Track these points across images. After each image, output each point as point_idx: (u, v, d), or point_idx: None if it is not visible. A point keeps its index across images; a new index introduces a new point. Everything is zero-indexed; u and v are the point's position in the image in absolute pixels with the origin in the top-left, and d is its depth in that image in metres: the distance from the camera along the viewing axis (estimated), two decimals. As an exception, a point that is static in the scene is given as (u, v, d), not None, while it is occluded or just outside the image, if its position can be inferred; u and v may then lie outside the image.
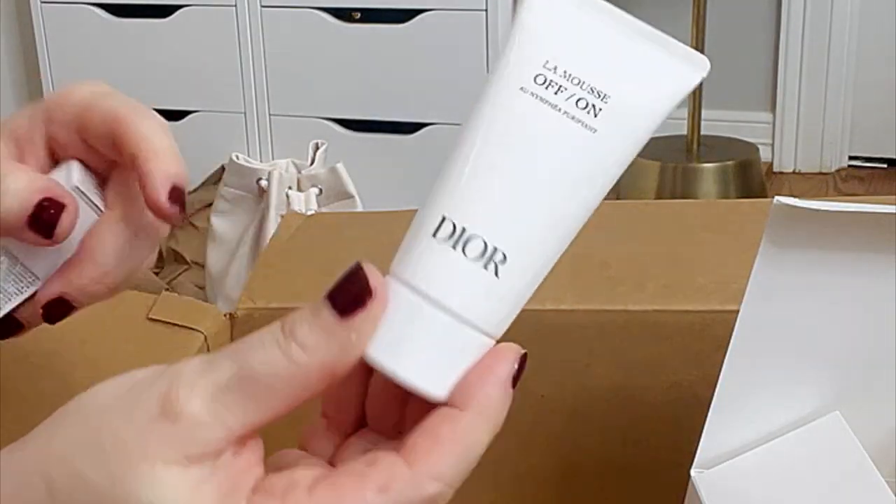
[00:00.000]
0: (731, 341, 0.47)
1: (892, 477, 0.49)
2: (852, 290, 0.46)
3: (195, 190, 2.16)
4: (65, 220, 0.42)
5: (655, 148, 2.46)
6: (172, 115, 2.34)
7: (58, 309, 0.44)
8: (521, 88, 0.37)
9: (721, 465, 0.49)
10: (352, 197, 1.75)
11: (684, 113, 2.46)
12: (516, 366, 0.35)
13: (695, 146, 2.44)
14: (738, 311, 0.46)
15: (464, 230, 0.36)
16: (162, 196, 0.43)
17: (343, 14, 2.18)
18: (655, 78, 0.38)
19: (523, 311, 0.37)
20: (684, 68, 0.38)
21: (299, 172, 1.78)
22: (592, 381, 0.65)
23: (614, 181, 0.38)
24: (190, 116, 2.33)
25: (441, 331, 0.35)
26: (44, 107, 0.45)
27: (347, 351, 0.34)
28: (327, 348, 0.33)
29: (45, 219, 0.41)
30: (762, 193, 2.42)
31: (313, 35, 2.20)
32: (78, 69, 2.38)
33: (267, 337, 0.33)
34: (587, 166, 0.37)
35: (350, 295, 0.34)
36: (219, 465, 0.32)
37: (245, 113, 2.29)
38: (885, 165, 2.70)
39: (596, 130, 0.37)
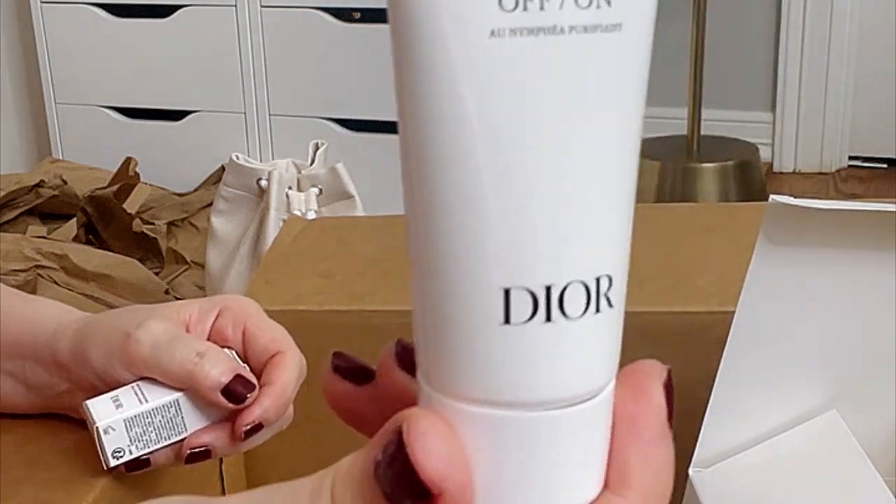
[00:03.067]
0: (728, 340, 0.47)
1: (889, 475, 0.49)
2: (849, 288, 0.46)
3: (195, 190, 2.16)
4: (250, 395, 0.53)
5: (655, 148, 2.46)
6: (172, 115, 2.34)
7: (199, 456, 0.54)
8: (492, 32, 0.24)
9: (719, 463, 0.50)
10: (352, 197, 1.75)
11: (684, 113, 2.46)
12: (664, 397, 0.27)
13: (695, 146, 2.44)
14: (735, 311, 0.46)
15: (549, 289, 0.25)
16: (241, 429, 0.53)
17: (343, 14, 2.18)
18: None
19: None
20: None
21: (299, 172, 1.78)
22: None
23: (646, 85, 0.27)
24: (190, 116, 2.33)
25: (567, 429, 0.26)
26: (219, 305, 0.57)
27: None
28: None
29: (237, 392, 0.53)
30: (762, 193, 2.42)
31: (313, 35, 2.20)
32: (78, 69, 2.38)
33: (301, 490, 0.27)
34: (631, 83, 0.26)
35: (405, 488, 0.25)
36: None
37: (245, 113, 2.29)
38: (885, 165, 2.70)
39: (620, 25, 0.25)
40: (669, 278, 0.66)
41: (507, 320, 0.25)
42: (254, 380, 0.54)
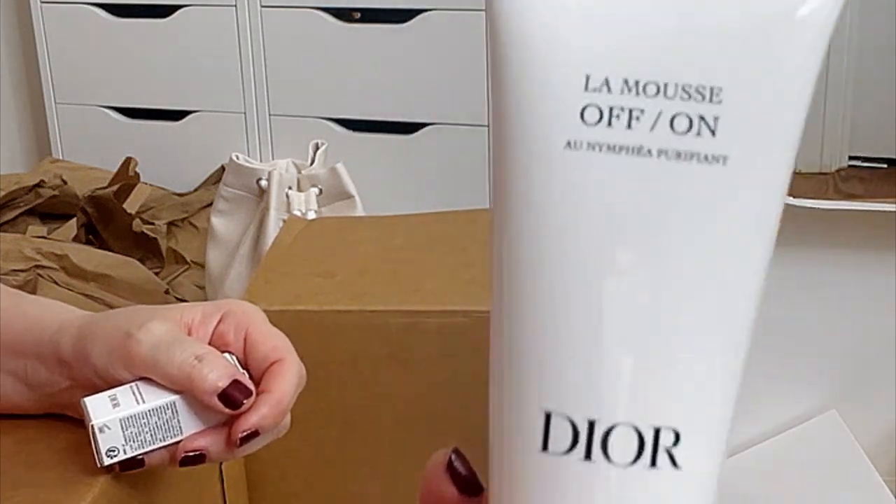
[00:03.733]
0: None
1: (888, 474, 0.49)
2: (849, 288, 0.46)
3: (195, 190, 2.16)
4: (247, 401, 0.53)
5: (655, 148, 2.46)
6: (172, 115, 2.34)
7: (193, 460, 0.53)
8: (568, 144, 0.22)
9: (719, 463, 0.49)
10: (352, 197, 1.75)
11: (684, 113, 2.46)
12: None
13: (694, 146, 2.44)
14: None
15: (592, 424, 0.23)
16: (237, 435, 0.53)
17: (343, 14, 2.18)
18: (782, 20, 0.22)
19: None
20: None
21: (299, 172, 1.78)
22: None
23: (777, 223, 0.24)
24: (190, 116, 2.33)
25: None
26: (222, 310, 0.57)
27: None
28: None
29: (233, 397, 0.52)
30: (762, 193, 2.41)
31: (313, 35, 2.20)
32: (78, 69, 2.38)
33: None
34: (739, 223, 0.23)
35: None
36: None
37: (245, 113, 2.29)
38: (885, 165, 2.70)
39: (726, 158, 0.22)
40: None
41: (545, 447, 0.23)
42: (252, 386, 0.54)
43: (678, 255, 0.22)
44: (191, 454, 0.53)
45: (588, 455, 0.23)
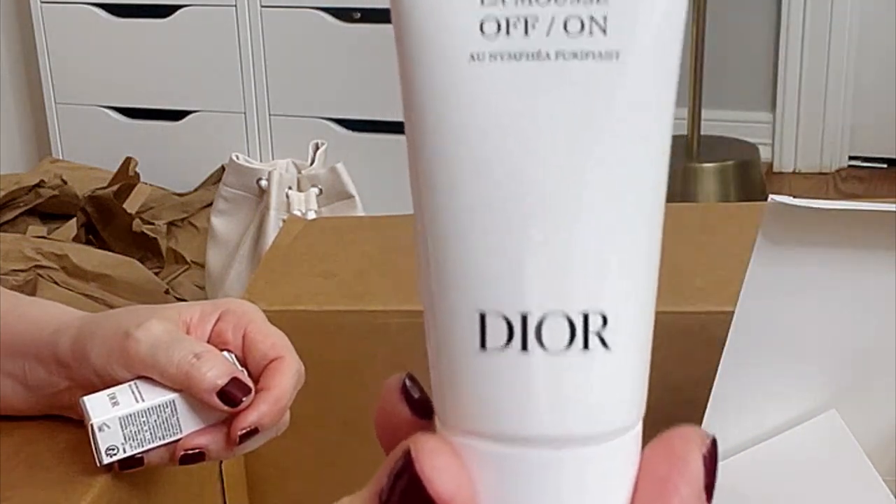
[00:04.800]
0: (728, 340, 0.47)
1: (889, 475, 0.49)
2: (848, 288, 0.46)
3: (195, 190, 2.16)
4: (245, 399, 0.53)
5: (655, 148, 2.46)
6: (172, 115, 2.34)
7: (193, 458, 0.53)
8: (472, 57, 0.24)
9: (718, 463, 0.49)
10: (352, 197, 1.75)
11: (684, 113, 2.46)
12: (702, 465, 0.25)
13: (695, 146, 2.44)
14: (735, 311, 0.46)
15: (525, 317, 0.24)
16: (236, 433, 0.53)
17: (343, 14, 2.18)
18: None
19: None
20: None
21: (299, 172, 1.78)
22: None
23: (672, 109, 0.25)
24: (190, 116, 2.33)
25: (570, 474, 0.25)
26: (220, 308, 0.58)
27: None
28: None
29: (232, 395, 0.53)
30: (762, 193, 2.42)
31: (313, 35, 2.20)
32: (78, 69, 2.38)
33: None
34: (636, 113, 0.24)
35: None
36: None
37: (245, 113, 2.29)
38: (885, 165, 2.70)
39: (618, 53, 0.24)
40: (668, 278, 0.66)
41: (482, 345, 0.24)
42: (251, 384, 0.54)
43: (585, 148, 0.24)
44: (190, 452, 0.53)
45: (524, 346, 0.24)
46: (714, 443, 0.26)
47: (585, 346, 0.24)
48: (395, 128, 2.20)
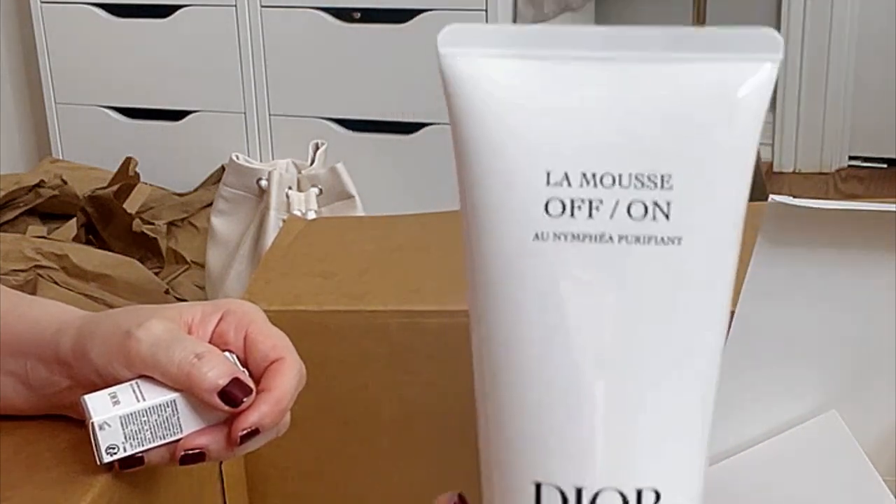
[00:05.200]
0: (727, 340, 0.47)
1: (889, 475, 0.49)
2: (848, 288, 0.46)
3: (195, 190, 2.16)
4: (246, 399, 0.53)
5: (655, 148, 2.46)
6: (172, 115, 2.34)
7: (193, 458, 0.53)
8: (536, 236, 0.24)
9: (718, 463, 0.50)
10: (352, 197, 1.75)
11: (684, 113, 2.46)
12: None
13: (694, 146, 2.44)
14: (734, 311, 0.46)
15: (580, 491, 0.25)
16: (237, 433, 0.53)
17: (343, 14, 2.18)
18: (720, 105, 0.24)
19: None
20: (748, 66, 0.24)
21: (299, 172, 1.78)
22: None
23: (730, 290, 0.26)
24: (190, 116, 2.33)
25: None
26: (222, 309, 0.57)
27: None
28: None
29: (233, 395, 0.53)
30: (762, 193, 2.41)
31: (313, 35, 2.20)
32: (78, 69, 2.38)
33: None
34: (697, 295, 0.25)
35: None
36: None
37: (245, 113, 2.29)
38: (885, 165, 2.70)
39: (680, 238, 0.24)
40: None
41: None
42: (251, 384, 0.54)
43: (644, 330, 0.24)
44: (191, 452, 0.53)
45: None
46: None
47: None
48: (395, 128, 2.20)
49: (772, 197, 0.43)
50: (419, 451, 0.70)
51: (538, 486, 0.25)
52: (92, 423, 0.52)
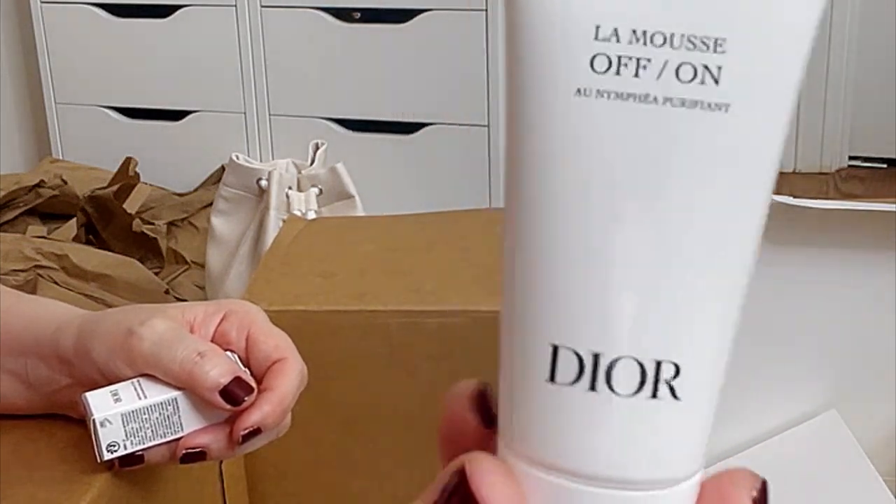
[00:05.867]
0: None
1: (888, 474, 0.49)
2: (849, 288, 0.46)
3: (195, 190, 2.16)
4: (248, 398, 0.53)
5: (655, 148, 2.46)
6: (172, 115, 2.34)
7: (194, 457, 0.53)
8: (578, 91, 0.24)
9: (719, 462, 0.50)
10: (352, 197, 1.75)
11: (684, 113, 2.46)
12: None
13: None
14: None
15: (597, 357, 0.24)
16: (239, 433, 0.53)
17: (343, 14, 2.18)
18: None
19: None
20: None
21: (299, 172, 1.78)
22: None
23: (776, 168, 0.25)
24: (190, 116, 2.33)
25: None
26: (224, 309, 0.58)
27: None
28: None
29: (235, 394, 0.53)
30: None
31: (313, 35, 2.20)
32: (78, 69, 2.38)
33: None
34: (733, 170, 0.24)
35: None
36: None
37: (245, 113, 2.29)
38: (885, 165, 2.70)
39: (728, 106, 0.24)
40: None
41: (552, 378, 0.25)
42: (253, 384, 0.54)
43: (681, 199, 0.24)
44: (191, 451, 0.53)
45: (593, 386, 0.24)
46: (764, 485, 0.26)
47: (654, 394, 0.24)
48: (395, 128, 2.20)
49: (773, 197, 0.43)
50: (419, 451, 0.70)
51: (555, 349, 0.24)
52: (93, 420, 0.52)
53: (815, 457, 0.50)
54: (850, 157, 2.72)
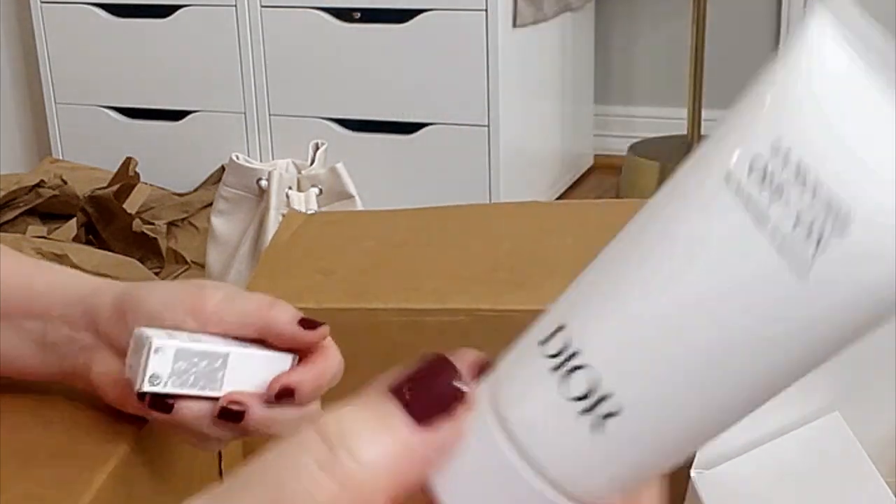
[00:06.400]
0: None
1: (891, 477, 0.49)
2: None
3: (195, 190, 2.16)
4: (321, 329, 0.55)
5: (655, 148, 2.46)
6: (172, 115, 2.34)
7: (232, 415, 0.53)
8: (727, 176, 0.23)
9: (721, 465, 0.49)
10: (352, 197, 1.75)
11: (684, 113, 2.46)
12: None
13: (695, 146, 2.43)
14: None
15: (573, 354, 0.25)
16: (277, 386, 0.54)
17: (343, 14, 2.18)
18: None
19: (523, 311, 0.32)
20: None
21: (299, 172, 1.78)
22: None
23: (821, 357, 0.25)
24: (190, 116, 2.33)
25: (517, 484, 0.25)
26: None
27: (421, 469, 0.25)
28: (395, 466, 0.25)
29: (311, 324, 0.55)
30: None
31: (313, 35, 2.20)
32: (78, 69, 2.38)
33: (303, 455, 0.25)
34: (777, 328, 0.23)
35: (433, 397, 0.26)
36: None
37: (245, 113, 2.29)
38: (885, 166, 2.70)
39: (808, 277, 0.22)
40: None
41: (541, 343, 0.26)
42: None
43: (713, 305, 0.24)
44: (232, 408, 0.53)
45: (555, 369, 0.25)
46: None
47: (585, 412, 0.25)
48: (395, 128, 2.20)
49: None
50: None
51: (558, 328, 0.26)
52: (149, 344, 0.51)
53: (818, 459, 0.49)
54: (851, 158, 2.73)
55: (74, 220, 1.93)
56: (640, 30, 2.62)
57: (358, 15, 2.18)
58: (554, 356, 0.25)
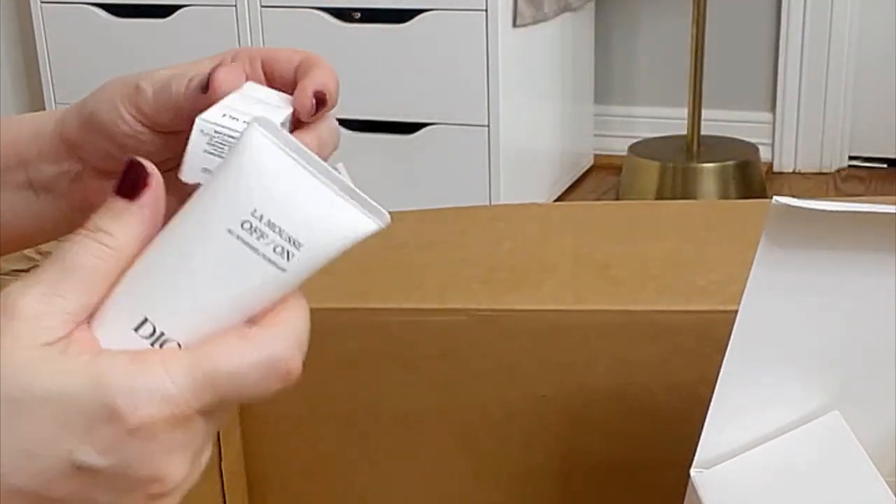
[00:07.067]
0: (730, 341, 0.47)
1: (891, 476, 0.49)
2: (851, 289, 0.46)
3: (195, 190, 2.15)
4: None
5: (655, 148, 2.46)
6: (172, 115, 2.34)
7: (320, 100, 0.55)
8: (229, 231, 0.40)
9: (721, 464, 0.49)
10: (352, 197, 1.75)
11: (684, 113, 2.46)
12: None
13: (695, 146, 2.44)
14: (737, 312, 0.46)
15: (155, 329, 0.40)
16: (311, 91, 0.55)
17: (343, 14, 2.18)
18: (340, 227, 0.45)
19: (523, 312, 0.33)
20: (365, 220, 0.47)
21: (299, 172, 1.78)
22: (592, 381, 0.65)
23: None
24: (190, 116, 2.33)
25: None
26: (228, 54, 0.62)
27: (145, 226, 0.41)
28: (129, 227, 0.40)
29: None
30: (762, 193, 2.42)
31: (313, 35, 2.20)
32: (78, 69, 2.38)
33: (77, 238, 0.39)
34: (262, 291, 0.42)
35: (132, 181, 0.41)
36: (73, 341, 0.38)
37: (245, 113, 2.29)
38: (885, 165, 2.70)
39: (286, 270, 0.42)
40: (670, 277, 0.66)
41: (135, 331, 0.40)
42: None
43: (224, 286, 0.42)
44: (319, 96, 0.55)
45: (137, 329, 0.40)
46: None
47: (151, 343, 0.41)
48: (395, 128, 2.20)
49: (775, 198, 0.43)
50: (419, 451, 0.70)
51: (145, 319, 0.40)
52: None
53: (818, 458, 0.49)
54: (850, 157, 2.73)
55: (74, 219, 1.93)
56: (640, 30, 2.62)
57: (358, 15, 2.18)
58: (146, 338, 0.40)
